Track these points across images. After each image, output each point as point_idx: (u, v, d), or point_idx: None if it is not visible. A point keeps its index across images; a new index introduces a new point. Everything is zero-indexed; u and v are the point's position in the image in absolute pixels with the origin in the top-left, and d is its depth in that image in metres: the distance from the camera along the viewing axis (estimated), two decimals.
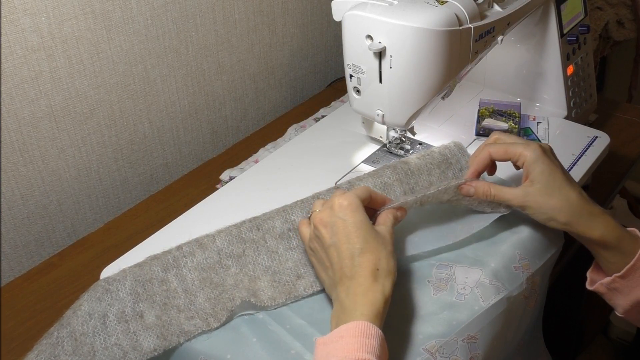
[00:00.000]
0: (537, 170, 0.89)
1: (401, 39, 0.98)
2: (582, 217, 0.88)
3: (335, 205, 0.83)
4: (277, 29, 1.47)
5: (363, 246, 0.80)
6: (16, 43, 1.03)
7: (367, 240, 0.81)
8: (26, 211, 1.15)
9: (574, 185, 0.90)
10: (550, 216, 0.89)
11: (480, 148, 0.96)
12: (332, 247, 0.82)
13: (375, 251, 0.81)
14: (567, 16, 1.27)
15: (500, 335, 0.86)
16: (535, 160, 0.89)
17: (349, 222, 0.82)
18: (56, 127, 1.13)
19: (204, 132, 1.42)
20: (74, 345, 0.80)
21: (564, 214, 0.88)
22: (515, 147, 0.92)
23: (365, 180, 0.99)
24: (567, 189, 0.89)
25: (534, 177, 0.90)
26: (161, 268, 0.89)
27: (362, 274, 0.79)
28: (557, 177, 0.89)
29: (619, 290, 0.90)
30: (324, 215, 0.84)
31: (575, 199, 0.89)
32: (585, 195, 0.91)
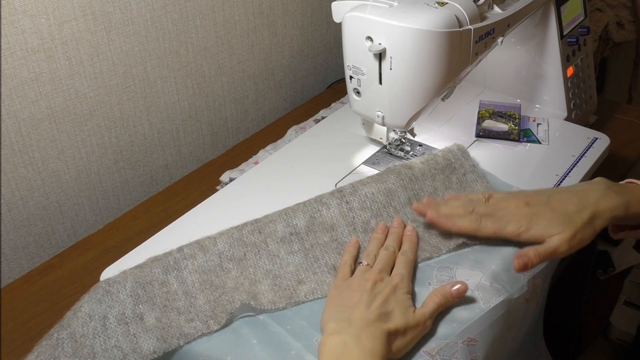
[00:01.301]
0: (540, 229, 0.90)
1: (401, 41, 0.98)
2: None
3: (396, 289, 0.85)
4: (277, 31, 1.47)
5: (389, 313, 0.81)
6: (16, 44, 1.03)
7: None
8: (26, 212, 1.15)
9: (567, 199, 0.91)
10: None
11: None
12: (367, 297, 0.82)
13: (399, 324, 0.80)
14: (567, 18, 1.27)
15: (501, 337, 0.86)
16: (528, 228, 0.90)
17: (396, 295, 0.84)
18: (56, 129, 1.13)
19: (204, 134, 1.42)
20: (74, 347, 0.80)
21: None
22: (505, 227, 0.91)
23: (369, 185, 0.99)
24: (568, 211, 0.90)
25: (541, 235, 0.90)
26: (162, 270, 0.89)
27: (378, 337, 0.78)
28: (550, 218, 0.90)
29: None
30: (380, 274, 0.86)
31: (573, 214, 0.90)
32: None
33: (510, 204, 0.92)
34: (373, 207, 0.98)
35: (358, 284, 0.84)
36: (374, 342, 0.76)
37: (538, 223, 0.89)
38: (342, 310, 0.81)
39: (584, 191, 0.92)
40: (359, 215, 0.97)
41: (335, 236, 0.95)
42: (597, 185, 0.94)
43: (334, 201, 0.97)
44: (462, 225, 0.92)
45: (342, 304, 0.82)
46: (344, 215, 0.97)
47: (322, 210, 0.96)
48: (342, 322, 0.79)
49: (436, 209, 0.94)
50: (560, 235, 0.88)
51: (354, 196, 0.98)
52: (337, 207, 0.97)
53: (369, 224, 0.97)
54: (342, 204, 0.97)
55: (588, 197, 0.91)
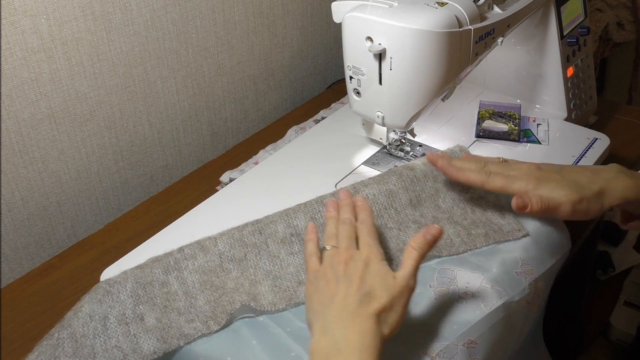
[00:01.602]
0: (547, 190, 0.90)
1: (401, 41, 0.98)
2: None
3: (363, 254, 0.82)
4: (277, 31, 1.47)
5: (370, 292, 0.77)
6: (16, 45, 1.03)
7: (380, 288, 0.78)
8: (26, 213, 1.15)
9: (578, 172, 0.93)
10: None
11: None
12: (343, 282, 0.78)
13: (383, 301, 0.77)
14: (567, 18, 1.27)
15: (501, 340, 0.86)
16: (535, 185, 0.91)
17: (371, 268, 0.80)
18: (56, 129, 1.13)
19: (204, 134, 1.42)
20: (74, 347, 0.80)
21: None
22: (512, 184, 0.92)
23: (371, 186, 0.99)
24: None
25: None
26: (162, 270, 0.89)
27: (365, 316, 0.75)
28: (560, 182, 0.91)
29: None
30: (347, 253, 0.82)
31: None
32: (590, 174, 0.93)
33: (522, 166, 0.94)
34: (374, 209, 0.98)
35: (331, 271, 0.80)
36: (364, 336, 0.73)
37: (547, 185, 0.90)
38: (323, 305, 0.78)
39: (597, 169, 0.94)
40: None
41: None
42: (611, 167, 0.95)
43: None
44: (470, 177, 0.93)
45: (321, 299, 0.78)
46: None
47: (323, 212, 0.96)
48: (326, 319, 0.76)
49: (449, 160, 0.95)
50: (567, 196, 0.89)
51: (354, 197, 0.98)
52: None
53: None
54: None
55: (601, 174, 0.92)
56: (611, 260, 1.88)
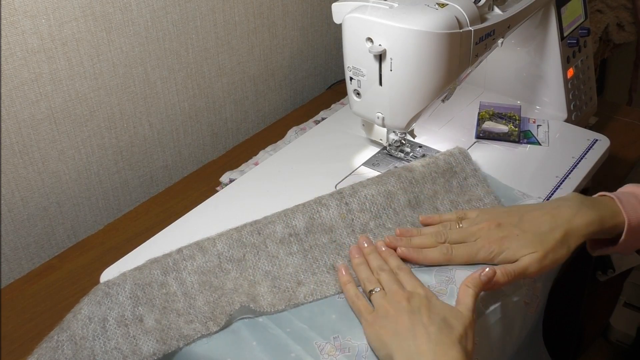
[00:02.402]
0: (512, 250, 0.89)
1: (401, 42, 0.98)
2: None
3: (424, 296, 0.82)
4: (277, 32, 1.47)
5: (445, 320, 0.78)
6: (16, 45, 1.03)
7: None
8: (26, 213, 1.15)
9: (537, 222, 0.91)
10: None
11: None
12: (414, 314, 0.79)
13: (460, 328, 0.78)
14: (568, 19, 1.27)
15: (500, 340, 0.86)
16: (500, 251, 0.89)
17: (433, 302, 0.81)
18: (56, 129, 1.13)
19: (204, 135, 1.42)
20: (73, 349, 0.80)
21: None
22: (476, 254, 0.90)
23: (369, 187, 0.99)
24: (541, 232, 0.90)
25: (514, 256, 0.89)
26: (161, 271, 0.89)
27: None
28: (522, 239, 0.90)
29: (619, 250, 0.96)
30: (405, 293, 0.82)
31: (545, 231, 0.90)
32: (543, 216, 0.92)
33: (482, 228, 0.91)
34: (372, 209, 0.98)
35: (393, 309, 0.80)
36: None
37: (509, 246, 0.89)
38: (402, 337, 0.77)
39: (557, 208, 0.92)
40: (357, 217, 0.97)
41: (334, 237, 0.95)
42: (570, 202, 0.93)
43: (334, 202, 0.97)
44: (433, 258, 0.90)
45: (396, 332, 0.78)
46: (343, 216, 0.97)
47: (322, 212, 0.96)
48: (410, 350, 0.75)
49: (408, 242, 0.93)
50: (531, 255, 0.87)
51: (353, 198, 0.98)
52: (337, 209, 0.97)
53: (368, 225, 0.97)
54: (342, 205, 0.97)
55: (561, 215, 0.91)
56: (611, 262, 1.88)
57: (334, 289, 0.88)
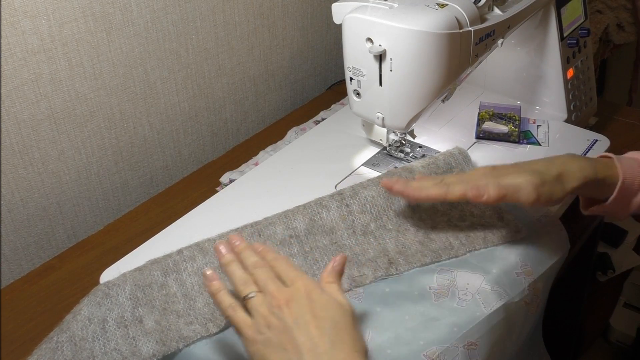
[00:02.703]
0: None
1: (401, 42, 0.98)
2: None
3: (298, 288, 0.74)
4: (278, 32, 1.47)
5: (333, 327, 0.72)
6: (16, 45, 1.03)
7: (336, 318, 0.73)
8: (26, 213, 1.15)
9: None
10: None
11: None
12: (298, 329, 0.71)
13: (352, 333, 0.73)
14: (567, 19, 1.27)
15: (501, 341, 0.86)
16: (497, 188, 0.89)
17: (317, 301, 0.73)
18: (56, 130, 1.13)
19: (204, 135, 1.42)
20: (73, 350, 0.80)
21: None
22: (472, 184, 0.89)
23: (370, 188, 0.99)
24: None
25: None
26: (161, 272, 0.89)
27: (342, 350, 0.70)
28: (517, 171, 0.90)
29: (610, 210, 0.95)
30: (283, 294, 0.73)
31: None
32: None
33: (477, 170, 0.92)
34: (373, 211, 0.98)
35: (276, 320, 0.72)
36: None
37: (506, 176, 0.88)
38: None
39: (552, 157, 0.93)
40: (358, 219, 0.97)
41: (335, 239, 0.95)
42: (564, 154, 0.95)
43: (334, 204, 0.97)
44: (429, 192, 0.90)
45: (284, 358, 0.70)
46: (344, 218, 0.97)
47: (322, 213, 0.96)
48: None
49: (405, 183, 0.92)
50: (528, 180, 0.87)
51: (353, 199, 0.98)
52: (337, 210, 0.97)
53: (369, 227, 0.97)
54: (342, 207, 0.97)
55: (555, 160, 0.92)
56: (611, 262, 1.88)
57: None
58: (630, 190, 0.93)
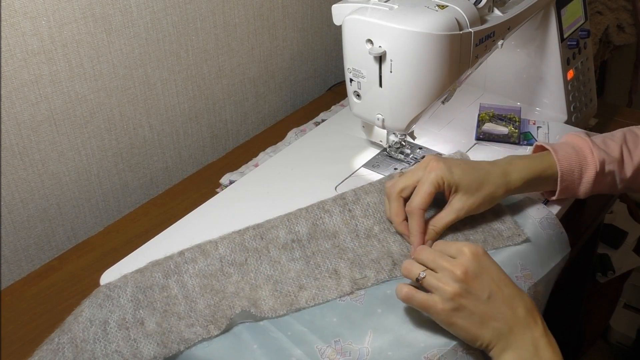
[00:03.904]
0: (457, 176, 0.93)
1: (401, 43, 0.98)
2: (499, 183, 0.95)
3: (473, 254, 0.81)
4: (278, 33, 1.47)
5: (516, 290, 0.81)
6: (16, 46, 1.03)
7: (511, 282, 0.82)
8: (26, 215, 1.15)
9: (473, 165, 0.96)
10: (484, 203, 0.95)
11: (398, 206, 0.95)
12: (492, 298, 0.79)
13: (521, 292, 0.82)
14: (568, 21, 1.27)
15: None
16: (449, 171, 0.93)
17: (494, 269, 0.82)
18: (56, 131, 1.13)
19: (204, 136, 1.41)
20: (74, 352, 0.80)
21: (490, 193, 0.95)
22: (428, 181, 0.93)
23: (372, 194, 0.99)
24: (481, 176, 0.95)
25: (456, 183, 0.93)
26: (162, 274, 0.89)
27: (538, 319, 0.81)
28: (465, 169, 0.94)
29: (563, 195, 1.02)
30: (467, 265, 0.80)
31: (483, 174, 0.95)
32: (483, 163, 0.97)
33: (421, 162, 0.96)
34: (376, 215, 0.98)
35: (467, 299, 0.79)
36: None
37: (455, 170, 0.94)
38: (500, 333, 0.79)
39: (493, 161, 0.98)
40: (361, 223, 0.97)
41: (337, 243, 0.95)
42: (505, 157, 1.00)
43: (337, 209, 0.97)
44: (418, 227, 0.93)
45: (490, 329, 0.79)
46: (347, 223, 0.97)
47: (325, 218, 0.96)
48: (509, 338, 0.79)
49: (409, 235, 0.95)
50: (463, 200, 0.94)
51: (356, 205, 0.98)
52: (340, 215, 0.97)
53: (372, 230, 0.97)
54: (345, 212, 0.97)
55: (498, 162, 0.98)
56: (611, 263, 1.88)
57: (336, 293, 0.88)
58: (571, 180, 0.99)
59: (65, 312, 0.86)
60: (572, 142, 1.01)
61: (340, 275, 0.90)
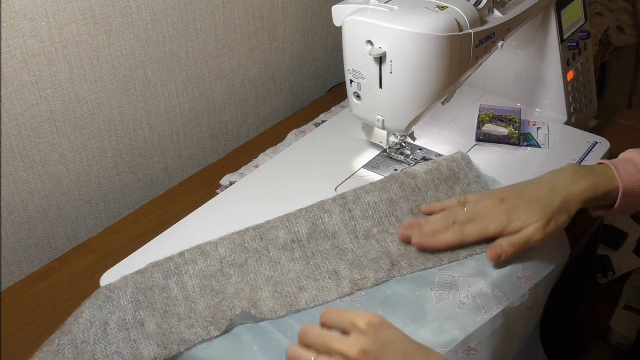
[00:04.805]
0: (520, 222, 0.92)
1: (401, 44, 0.98)
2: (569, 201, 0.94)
3: (368, 327, 0.70)
4: (278, 34, 1.47)
5: (425, 356, 0.72)
6: (16, 47, 1.03)
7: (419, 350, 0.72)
8: (26, 216, 1.15)
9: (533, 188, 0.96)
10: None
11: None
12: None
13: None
14: (568, 22, 1.27)
15: (501, 346, 0.86)
16: (509, 221, 0.92)
17: (396, 339, 0.71)
18: (56, 132, 1.13)
19: (204, 137, 1.41)
20: (74, 353, 0.80)
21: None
22: (487, 227, 0.93)
23: (372, 193, 0.99)
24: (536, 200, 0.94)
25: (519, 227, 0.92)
26: (162, 275, 0.89)
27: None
28: (525, 209, 0.93)
29: (618, 212, 1.00)
30: (363, 344, 0.69)
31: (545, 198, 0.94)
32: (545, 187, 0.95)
33: (486, 205, 0.94)
34: (375, 216, 0.98)
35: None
36: None
37: (516, 216, 0.92)
38: None
39: (554, 179, 0.96)
40: (360, 224, 0.97)
41: (337, 243, 0.95)
42: (566, 172, 0.97)
43: (336, 209, 0.97)
44: (447, 240, 0.93)
45: None
46: (346, 223, 0.97)
47: (324, 218, 0.96)
48: None
49: (419, 229, 0.94)
50: (535, 225, 0.91)
51: (356, 204, 0.98)
52: (339, 215, 0.97)
53: (371, 231, 0.97)
54: (344, 212, 0.97)
55: (558, 184, 0.95)
56: (611, 264, 1.88)
57: (336, 294, 0.88)
58: (632, 196, 0.96)
59: (65, 313, 0.86)
60: (632, 158, 1.00)
61: (340, 276, 0.90)
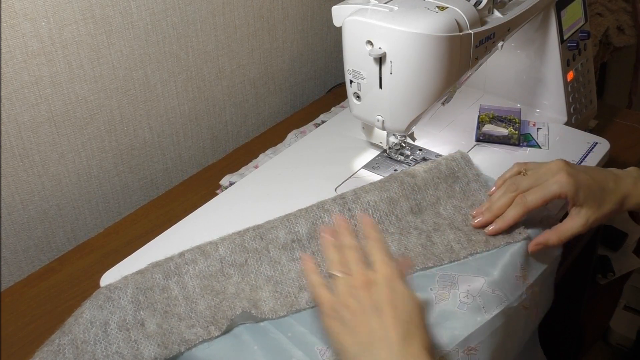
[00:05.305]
0: (582, 196, 0.92)
1: (401, 45, 0.98)
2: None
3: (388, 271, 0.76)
4: (278, 35, 1.47)
5: (409, 321, 0.73)
6: (16, 48, 1.03)
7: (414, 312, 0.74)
8: (26, 216, 1.15)
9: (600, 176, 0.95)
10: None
11: (514, 204, 0.94)
12: (373, 313, 0.73)
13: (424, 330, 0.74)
14: (568, 22, 1.27)
15: (501, 346, 0.86)
16: (575, 190, 0.92)
17: (397, 291, 0.75)
18: (56, 132, 1.13)
19: (204, 138, 1.42)
20: (75, 353, 0.80)
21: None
22: (549, 190, 0.93)
23: (372, 192, 0.99)
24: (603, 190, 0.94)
25: (580, 202, 0.93)
26: (162, 275, 0.89)
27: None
28: (592, 188, 0.93)
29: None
30: (364, 277, 0.75)
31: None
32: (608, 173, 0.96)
33: (550, 167, 0.95)
34: (375, 215, 0.98)
35: (353, 301, 0.74)
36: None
37: (580, 188, 0.92)
38: (362, 347, 0.71)
39: (619, 176, 0.97)
40: (360, 223, 0.97)
41: None
42: (630, 173, 0.98)
43: (336, 208, 0.97)
44: (514, 216, 0.93)
45: (356, 340, 0.72)
46: None
47: (324, 217, 0.96)
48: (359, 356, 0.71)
49: (489, 211, 0.95)
50: (586, 220, 0.92)
51: (356, 204, 0.98)
52: (339, 215, 0.97)
53: None
54: (344, 211, 0.97)
55: (623, 180, 0.96)
56: (611, 265, 1.88)
57: None
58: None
59: (66, 314, 0.86)
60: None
61: None
